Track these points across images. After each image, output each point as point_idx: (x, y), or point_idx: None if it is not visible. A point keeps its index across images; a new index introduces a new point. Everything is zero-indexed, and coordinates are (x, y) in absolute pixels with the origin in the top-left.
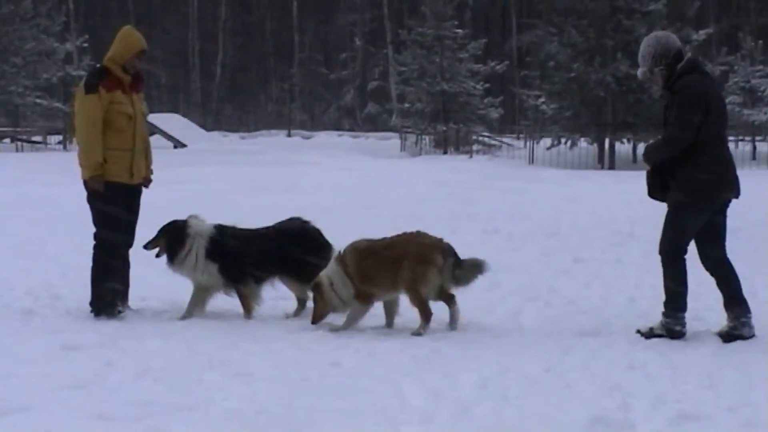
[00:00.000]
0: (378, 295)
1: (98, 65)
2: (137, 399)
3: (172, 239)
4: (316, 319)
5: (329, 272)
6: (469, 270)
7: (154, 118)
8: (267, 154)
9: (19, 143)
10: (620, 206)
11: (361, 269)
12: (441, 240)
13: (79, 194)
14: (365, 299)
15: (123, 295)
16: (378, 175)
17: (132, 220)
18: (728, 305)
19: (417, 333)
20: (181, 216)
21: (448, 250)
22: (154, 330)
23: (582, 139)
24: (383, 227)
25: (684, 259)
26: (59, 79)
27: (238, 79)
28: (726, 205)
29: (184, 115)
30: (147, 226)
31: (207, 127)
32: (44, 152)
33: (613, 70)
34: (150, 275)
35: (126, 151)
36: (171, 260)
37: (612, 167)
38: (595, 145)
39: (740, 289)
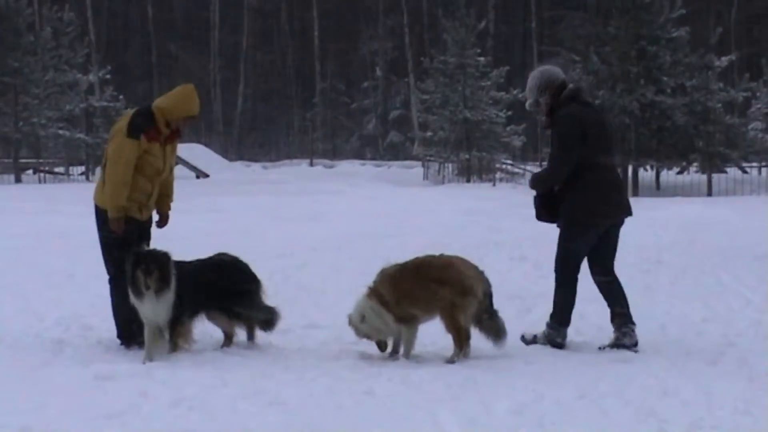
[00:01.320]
0: (418, 315)
1: (147, 110)
2: (172, 428)
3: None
4: (383, 349)
5: (359, 307)
6: (491, 328)
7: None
8: (290, 184)
9: (42, 174)
10: (646, 233)
11: (398, 292)
12: (482, 273)
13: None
14: (408, 320)
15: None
16: (402, 204)
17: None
18: (613, 317)
19: (450, 360)
20: (201, 246)
21: (487, 287)
22: (187, 359)
23: None
24: (410, 255)
25: (575, 278)
26: (81, 111)
27: (259, 109)
28: (620, 224)
29: (206, 145)
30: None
31: (229, 156)
32: (67, 183)
33: (638, 97)
34: None
35: (145, 194)
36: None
37: (636, 194)
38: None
39: (626, 303)
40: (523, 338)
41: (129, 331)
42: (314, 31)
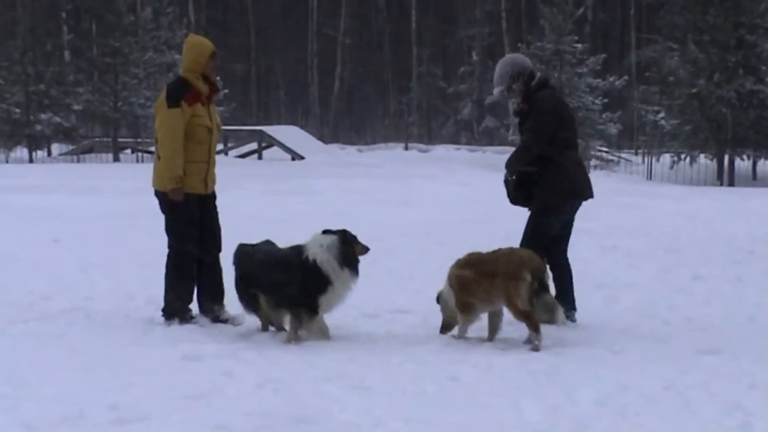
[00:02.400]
0: (477, 306)
1: (178, 78)
2: (256, 410)
3: None
4: (442, 329)
5: (443, 288)
6: (542, 307)
7: (273, 130)
8: (384, 167)
9: (140, 154)
10: (740, 223)
11: (460, 280)
12: (533, 258)
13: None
14: (466, 309)
15: (218, 299)
16: (494, 190)
17: (212, 226)
18: (559, 298)
19: (534, 348)
20: (295, 228)
21: (537, 269)
22: (273, 341)
23: (701, 155)
24: (498, 242)
25: (543, 257)
26: None
27: (356, 92)
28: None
29: (303, 128)
30: (263, 237)
31: (325, 139)
32: None
33: (737, 87)
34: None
35: (203, 162)
36: None
37: (731, 184)
38: (715, 161)
39: (571, 286)
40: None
41: (174, 307)
42: (411, 15)
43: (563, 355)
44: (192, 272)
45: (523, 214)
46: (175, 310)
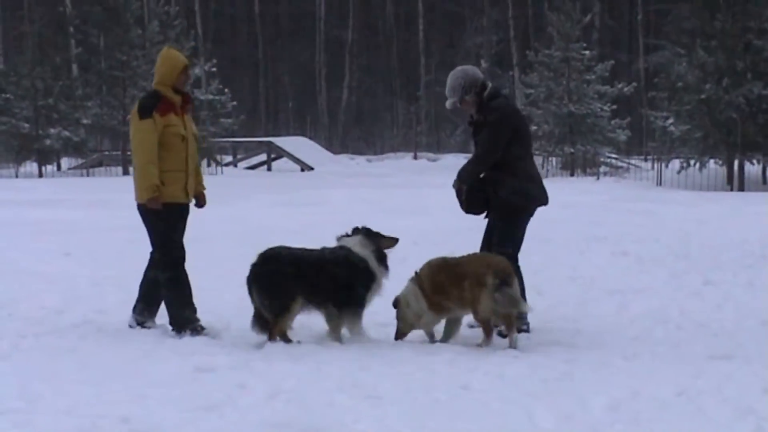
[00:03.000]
0: (450, 308)
1: (151, 90)
2: (269, 421)
3: None
4: (397, 336)
5: (405, 292)
6: (505, 300)
7: (282, 141)
8: (393, 177)
9: None
10: (751, 228)
11: (434, 283)
12: (499, 261)
13: (208, 218)
14: (438, 309)
15: (152, 308)
16: None
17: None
18: None
19: (480, 345)
20: (306, 239)
21: (500, 271)
22: (285, 352)
23: (711, 160)
24: None
25: (517, 265)
26: None
27: (364, 102)
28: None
29: (311, 138)
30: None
31: (333, 149)
32: None
33: (745, 92)
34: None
35: (181, 171)
36: None
37: (741, 189)
38: (725, 166)
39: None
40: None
41: (181, 319)
42: (419, 23)
43: (575, 361)
44: (187, 279)
45: (530, 223)
46: (182, 322)
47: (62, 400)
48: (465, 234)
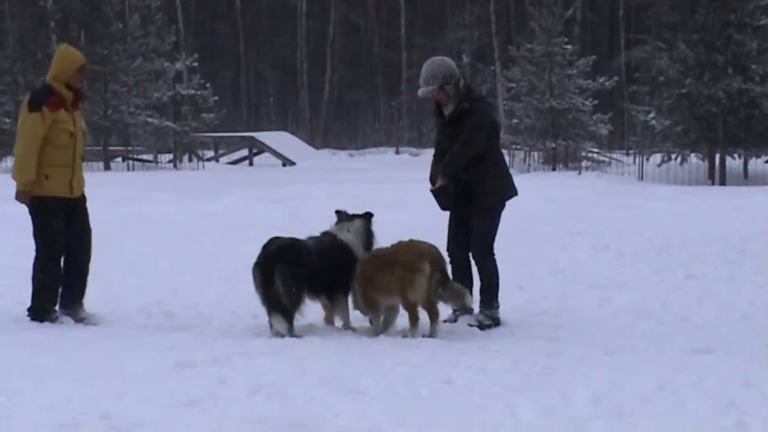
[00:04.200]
0: (379, 299)
1: (43, 84)
2: (250, 416)
3: None
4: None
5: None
6: (450, 294)
7: (263, 136)
8: (375, 172)
9: (131, 162)
10: (732, 222)
11: (364, 274)
12: (432, 250)
13: (189, 213)
14: (370, 303)
15: (78, 299)
16: None
17: (81, 230)
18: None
19: (405, 335)
20: (288, 234)
21: (437, 261)
22: (266, 347)
23: (692, 154)
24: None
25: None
26: (169, 99)
27: (346, 97)
28: None
29: (293, 133)
30: (256, 243)
31: (315, 144)
32: (155, 171)
33: (725, 86)
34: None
35: (67, 167)
36: None
37: (723, 183)
38: (706, 160)
39: (472, 284)
40: (471, 325)
41: (40, 313)
42: (401, 18)
43: (557, 356)
44: (58, 276)
45: (513, 217)
46: (40, 315)
47: (42, 396)
48: (445, 229)
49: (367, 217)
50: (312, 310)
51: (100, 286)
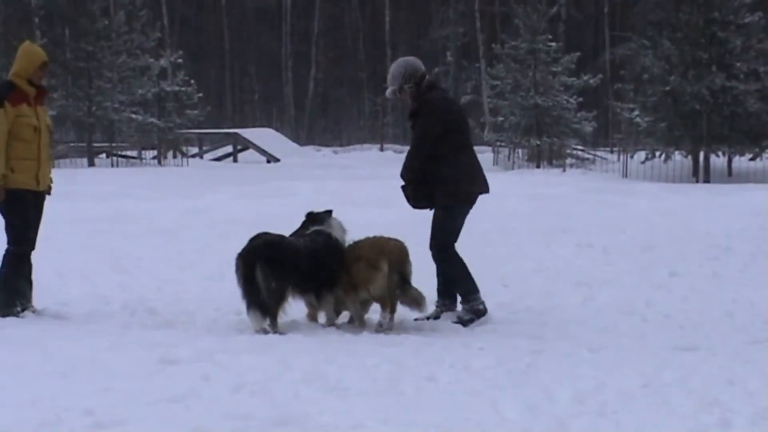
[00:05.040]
0: (353, 289)
1: (6, 80)
2: (233, 413)
3: None
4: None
5: None
6: (407, 299)
7: (248, 133)
8: (360, 169)
9: (115, 158)
10: (716, 220)
11: (344, 265)
12: (394, 249)
13: (174, 210)
14: (350, 292)
15: (27, 295)
16: None
17: (36, 224)
18: (441, 293)
19: (379, 330)
20: (272, 230)
21: (396, 262)
22: (250, 344)
23: (676, 152)
24: (476, 241)
25: (456, 251)
26: (154, 95)
27: (330, 94)
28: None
29: (277, 130)
30: (240, 240)
31: (300, 141)
32: (139, 167)
33: (709, 83)
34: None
35: (32, 160)
36: None
37: (707, 180)
38: (690, 158)
39: (453, 282)
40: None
41: (8, 303)
42: (385, 15)
43: (541, 353)
44: (26, 271)
45: (497, 214)
46: (7, 310)
47: (26, 392)
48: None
49: (330, 213)
50: (294, 308)
51: (84, 283)
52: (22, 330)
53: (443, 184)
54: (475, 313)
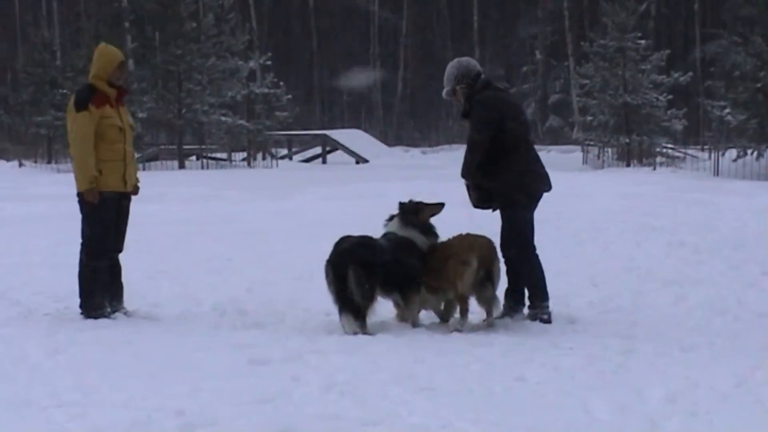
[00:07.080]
0: (440, 288)
1: (86, 84)
2: (323, 413)
3: None
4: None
5: None
6: (482, 299)
7: (336, 134)
8: (448, 169)
9: (205, 161)
10: None
11: (428, 264)
12: (484, 245)
13: (263, 211)
14: (433, 291)
15: (117, 297)
16: (560, 188)
17: (122, 225)
18: (508, 295)
19: (455, 330)
20: (357, 231)
21: (486, 258)
22: (339, 344)
23: None
24: (567, 240)
25: (535, 253)
26: (243, 97)
27: (419, 94)
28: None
29: (366, 131)
30: (329, 241)
31: (388, 142)
32: (229, 169)
33: None
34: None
35: (119, 161)
36: None
37: None
38: None
39: (522, 282)
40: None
41: (92, 304)
42: (473, 15)
43: (631, 353)
44: (106, 273)
45: (587, 213)
46: (93, 312)
47: (118, 393)
48: None
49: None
50: (383, 308)
51: (175, 284)
52: (114, 331)
53: (503, 183)
54: (540, 320)
